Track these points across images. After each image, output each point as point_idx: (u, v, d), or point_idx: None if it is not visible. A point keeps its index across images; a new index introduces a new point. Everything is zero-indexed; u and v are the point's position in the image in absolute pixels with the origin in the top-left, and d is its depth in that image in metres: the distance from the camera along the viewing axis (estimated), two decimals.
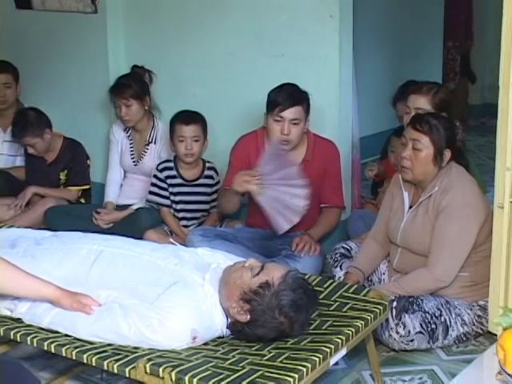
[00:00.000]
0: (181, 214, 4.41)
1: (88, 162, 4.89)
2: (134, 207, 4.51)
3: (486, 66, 7.67)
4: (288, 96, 3.88)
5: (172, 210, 4.42)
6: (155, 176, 4.43)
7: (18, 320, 2.79)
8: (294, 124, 3.88)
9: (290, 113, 3.86)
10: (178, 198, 4.39)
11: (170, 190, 4.39)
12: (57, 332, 2.74)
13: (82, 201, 4.85)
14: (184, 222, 4.40)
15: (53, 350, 2.65)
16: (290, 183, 3.81)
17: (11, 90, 4.98)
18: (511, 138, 2.35)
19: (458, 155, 3.50)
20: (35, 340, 2.68)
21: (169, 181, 4.39)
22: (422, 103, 3.77)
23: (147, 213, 4.40)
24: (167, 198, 4.40)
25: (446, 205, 3.35)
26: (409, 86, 4.21)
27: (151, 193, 4.44)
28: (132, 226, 4.22)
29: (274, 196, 3.80)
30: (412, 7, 6.29)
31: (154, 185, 4.43)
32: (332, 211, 4.11)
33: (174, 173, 4.38)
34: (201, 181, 4.41)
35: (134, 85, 4.49)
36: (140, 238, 3.88)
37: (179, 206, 4.40)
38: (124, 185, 4.75)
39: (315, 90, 4.02)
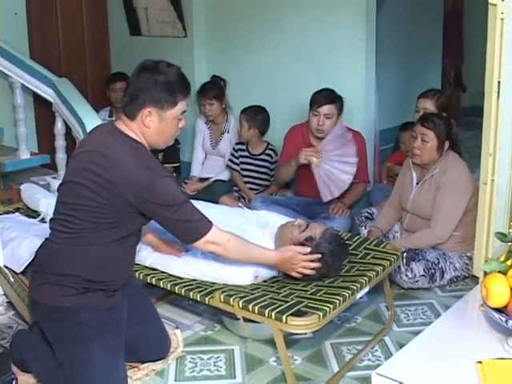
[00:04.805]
0: (246, 179, 4.38)
1: (179, 145, 4.86)
2: (212, 180, 4.48)
3: (473, 78, 7.51)
4: (324, 96, 3.82)
5: (241, 176, 4.40)
6: (233, 148, 4.45)
7: None
8: (327, 118, 3.81)
9: (324, 109, 3.80)
10: (244, 166, 4.37)
11: (240, 160, 4.38)
12: (156, 269, 2.75)
13: (174, 175, 4.82)
14: (249, 186, 4.37)
15: (154, 283, 2.67)
16: (344, 160, 3.78)
17: None
18: (493, 132, 2.29)
19: (453, 144, 3.42)
20: (141, 275, 2.70)
21: (239, 153, 4.39)
22: (428, 105, 3.71)
23: (222, 184, 4.37)
24: (238, 164, 4.39)
25: (444, 182, 3.29)
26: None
27: (229, 160, 4.45)
28: (210, 193, 4.20)
29: (327, 170, 3.78)
30: (419, 33, 6.19)
31: (231, 154, 4.44)
32: (360, 185, 4.03)
33: (244, 147, 4.39)
34: (262, 156, 4.36)
35: (215, 89, 4.47)
36: (216, 202, 3.85)
37: (244, 173, 4.38)
38: (205, 163, 4.72)
39: (347, 93, 3.94)
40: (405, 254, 3.19)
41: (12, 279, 2.91)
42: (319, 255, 2.54)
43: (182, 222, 2.24)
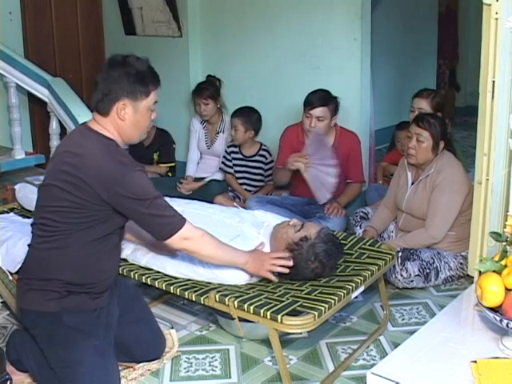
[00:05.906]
0: (240, 181, 4.37)
1: (174, 145, 4.86)
2: (207, 179, 4.47)
3: (467, 78, 7.55)
4: (317, 98, 3.79)
5: (235, 178, 4.38)
6: (225, 151, 4.42)
7: (124, 260, 2.79)
8: (319, 120, 3.79)
9: (316, 111, 3.78)
10: (237, 169, 4.36)
11: (233, 162, 4.37)
12: (151, 269, 2.74)
13: (169, 174, 4.83)
14: (243, 187, 4.36)
15: (149, 283, 2.66)
16: (325, 163, 3.74)
17: None
18: (487, 132, 2.29)
19: (448, 144, 3.42)
20: (136, 275, 2.69)
21: (232, 155, 4.37)
22: (423, 105, 3.71)
23: (217, 183, 4.37)
24: (231, 167, 4.38)
25: (439, 182, 3.29)
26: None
27: (222, 163, 4.43)
28: (205, 193, 4.20)
29: (314, 173, 3.75)
30: (414, 34, 6.23)
31: (224, 157, 4.42)
32: (355, 185, 4.02)
33: (236, 150, 4.37)
34: (256, 158, 4.34)
35: (210, 88, 4.46)
36: (211, 201, 3.85)
37: (238, 175, 4.36)
38: (200, 163, 4.71)
39: (342, 93, 3.94)
40: (400, 254, 3.20)
41: (7, 279, 2.90)
42: (289, 253, 2.54)
43: (156, 216, 2.23)
